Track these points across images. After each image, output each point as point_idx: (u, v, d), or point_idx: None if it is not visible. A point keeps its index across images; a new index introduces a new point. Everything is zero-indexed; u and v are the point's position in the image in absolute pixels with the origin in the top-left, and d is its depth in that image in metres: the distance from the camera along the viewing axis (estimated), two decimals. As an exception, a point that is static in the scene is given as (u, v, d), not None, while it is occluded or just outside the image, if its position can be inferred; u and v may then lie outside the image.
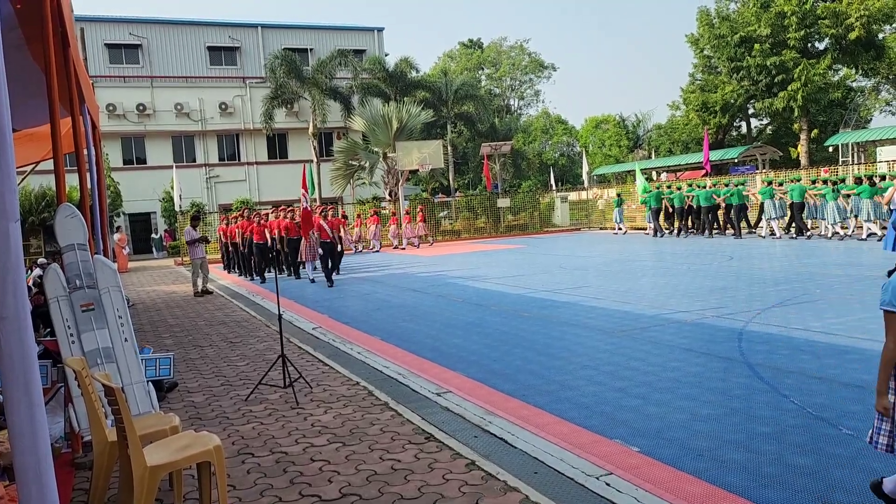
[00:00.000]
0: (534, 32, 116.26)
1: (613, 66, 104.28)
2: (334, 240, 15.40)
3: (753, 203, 21.23)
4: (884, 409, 3.02)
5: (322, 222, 14.80)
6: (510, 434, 4.68)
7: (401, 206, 27.55)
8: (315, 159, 32.52)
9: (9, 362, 1.75)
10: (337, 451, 4.58)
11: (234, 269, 19.08)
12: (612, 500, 3.58)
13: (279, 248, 16.70)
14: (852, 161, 31.53)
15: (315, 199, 24.80)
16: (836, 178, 19.69)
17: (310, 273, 15.93)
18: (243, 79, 37.31)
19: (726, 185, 21.83)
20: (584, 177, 34.86)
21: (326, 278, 14.77)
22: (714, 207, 21.21)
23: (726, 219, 21.27)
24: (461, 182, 47.31)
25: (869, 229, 17.00)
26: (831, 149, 35.23)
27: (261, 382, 6.31)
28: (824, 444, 4.13)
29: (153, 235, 33.83)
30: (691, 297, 9.79)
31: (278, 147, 36.92)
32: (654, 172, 40.57)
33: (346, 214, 21.79)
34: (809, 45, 38.38)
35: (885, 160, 25.77)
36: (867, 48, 36.54)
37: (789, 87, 36.65)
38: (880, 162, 26.13)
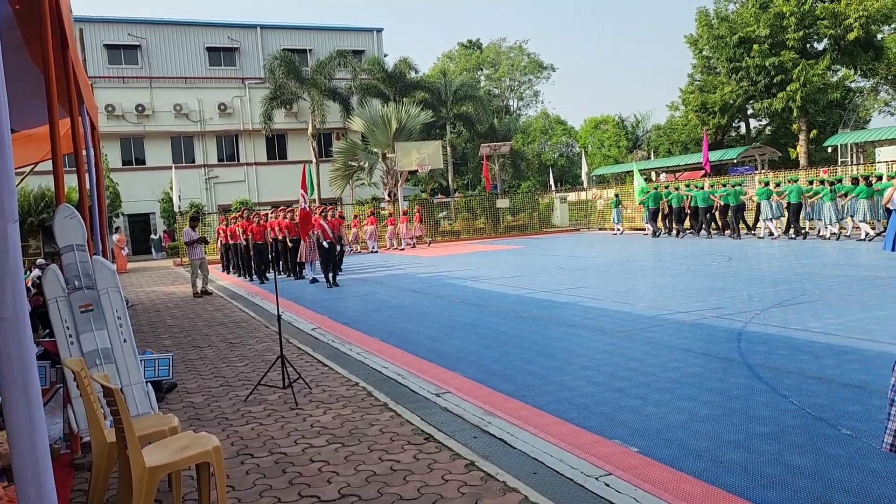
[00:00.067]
0: (533, 33, 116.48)
1: (613, 67, 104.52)
2: (335, 240, 15.40)
3: (750, 206, 21.23)
4: None
5: (322, 222, 14.80)
6: (509, 434, 4.68)
7: (400, 207, 27.54)
8: (314, 160, 32.51)
9: (7, 363, 1.75)
10: (336, 451, 4.57)
11: (231, 270, 19.07)
12: (611, 501, 3.58)
13: (279, 249, 16.68)
14: (851, 162, 31.53)
15: (314, 200, 24.81)
16: (834, 178, 19.67)
17: (310, 273, 15.95)
18: (242, 79, 37.31)
19: (724, 185, 21.83)
20: (584, 177, 34.93)
21: (326, 279, 14.76)
22: (713, 208, 21.23)
23: (721, 219, 21.29)
24: (460, 183, 47.27)
25: (866, 232, 16.93)
26: (830, 149, 35.24)
27: (260, 383, 6.31)
28: (823, 445, 4.13)
29: (152, 236, 33.82)
30: (690, 298, 9.79)
31: (277, 148, 36.92)
32: (654, 173, 40.56)
33: (344, 215, 21.80)
34: (808, 45, 38.39)
35: (884, 160, 25.77)
36: (866, 49, 36.54)
37: (788, 88, 36.66)
38: (879, 162, 26.12)
